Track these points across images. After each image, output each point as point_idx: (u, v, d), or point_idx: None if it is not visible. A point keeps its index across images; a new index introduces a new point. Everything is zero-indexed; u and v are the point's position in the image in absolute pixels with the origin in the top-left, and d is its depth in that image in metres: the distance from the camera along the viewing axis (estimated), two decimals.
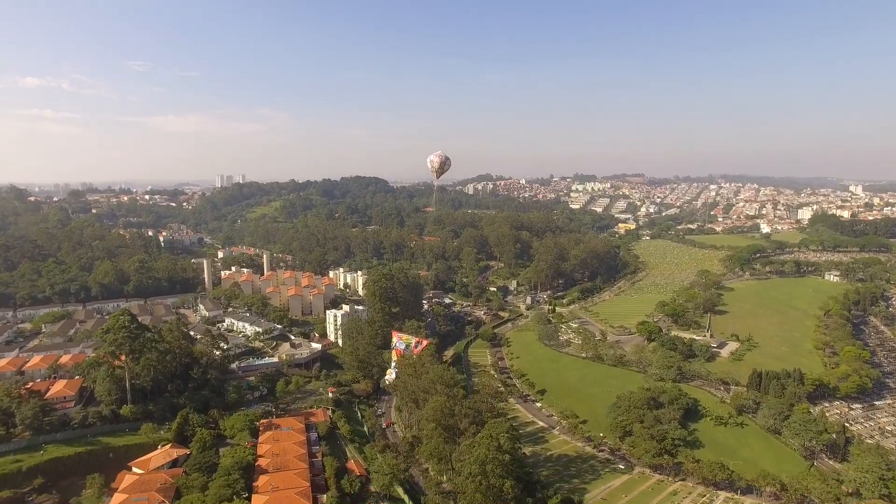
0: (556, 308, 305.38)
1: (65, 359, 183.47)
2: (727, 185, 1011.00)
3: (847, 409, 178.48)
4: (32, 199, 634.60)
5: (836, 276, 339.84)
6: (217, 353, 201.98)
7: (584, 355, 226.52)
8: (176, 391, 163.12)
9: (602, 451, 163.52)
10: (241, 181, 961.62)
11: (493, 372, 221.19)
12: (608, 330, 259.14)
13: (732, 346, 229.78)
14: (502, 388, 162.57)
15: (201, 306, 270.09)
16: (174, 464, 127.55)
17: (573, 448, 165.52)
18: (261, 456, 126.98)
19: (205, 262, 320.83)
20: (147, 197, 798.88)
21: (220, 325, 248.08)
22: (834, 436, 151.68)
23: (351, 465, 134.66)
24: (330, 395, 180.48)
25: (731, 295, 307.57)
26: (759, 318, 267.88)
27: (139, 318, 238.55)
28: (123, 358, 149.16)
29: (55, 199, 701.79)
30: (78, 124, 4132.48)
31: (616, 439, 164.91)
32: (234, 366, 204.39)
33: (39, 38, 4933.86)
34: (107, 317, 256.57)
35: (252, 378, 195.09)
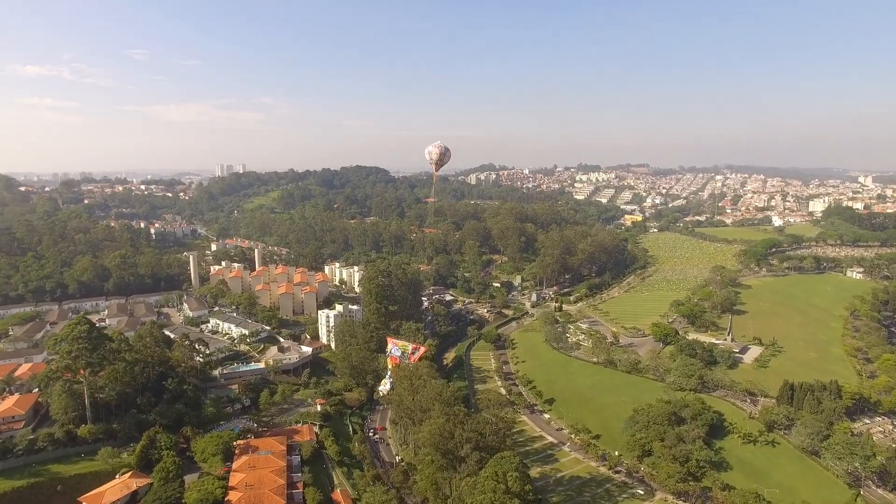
0: (564, 306, 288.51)
1: (23, 369, 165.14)
2: (733, 175, 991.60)
3: (891, 427, 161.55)
4: (23, 188, 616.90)
5: (858, 272, 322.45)
6: (198, 358, 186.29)
7: (595, 360, 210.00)
8: (146, 406, 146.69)
9: (618, 472, 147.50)
10: (241, 171, 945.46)
11: (497, 378, 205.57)
12: (620, 332, 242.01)
13: (755, 350, 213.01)
14: (508, 407, 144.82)
15: (186, 305, 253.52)
16: (133, 497, 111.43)
17: (586, 468, 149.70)
18: (232, 488, 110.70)
19: (191, 257, 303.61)
20: (143, 187, 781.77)
21: (204, 326, 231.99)
22: (883, 461, 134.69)
23: (336, 495, 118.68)
24: (318, 407, 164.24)
25: (749, 293, 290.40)
26: (779, 319, 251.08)
27: (117, 318, 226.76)
28: (84, 371, 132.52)
29: (47, 189, 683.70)
30: (78, 113, 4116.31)
31: (634, 459, 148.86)
32: (216, 372, 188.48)
33: (39, 26, 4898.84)
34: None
35: (235, 387, 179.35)
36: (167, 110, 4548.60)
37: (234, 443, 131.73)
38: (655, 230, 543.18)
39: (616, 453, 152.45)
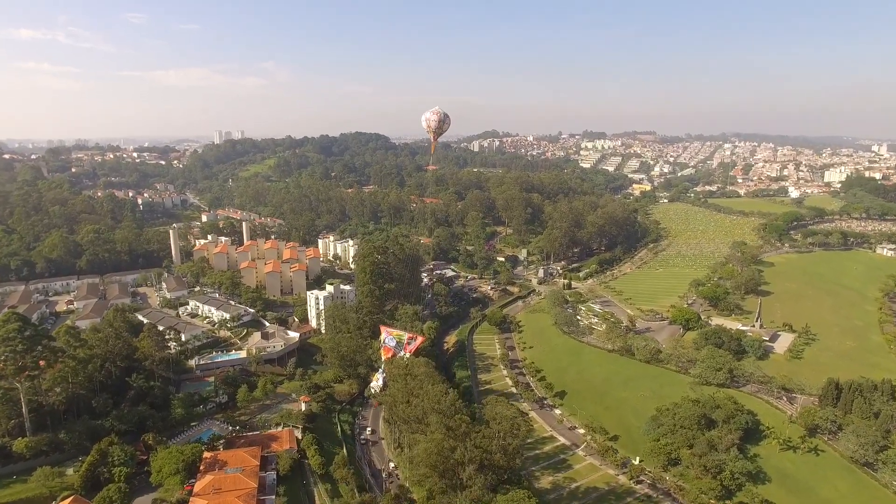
0: (573, 283, 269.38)
1: None
2: (742, 143, 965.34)
3: None
4: (7, 156, 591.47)
5: (890, 249, 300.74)
6: (172, 344, 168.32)
7: (609, 347, 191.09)
8: (104, 409, 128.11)
9: (640, 482, 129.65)
10: (239, 137, 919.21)
11: (502, 367, 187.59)
12: (637, 315, 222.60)
13: (786, 338, 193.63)
14: (520, 418, 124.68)
15: (164, 285, 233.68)
16: None
17: (603, 478, 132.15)
18: None
19: (171, 231, 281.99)
20: (135, 154, 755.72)
21: (183, 308, 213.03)
22: None
23: None
24: (303, 406, 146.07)
25: (772, 271, 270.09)
26: (808, 301, 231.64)
27: (85, 301, 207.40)
28: (21, 376, 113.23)
29: (34, 156, 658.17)
30: (76, 79, 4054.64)
31: (658, 468, 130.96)
32: (192, 362, 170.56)
33: None
34: (51, 298, 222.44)
35: (211, 379, 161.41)
36: (167, 75, 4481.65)
37: (203, 455, 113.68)
38: (666, 200, 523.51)
39: (637, 460, 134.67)
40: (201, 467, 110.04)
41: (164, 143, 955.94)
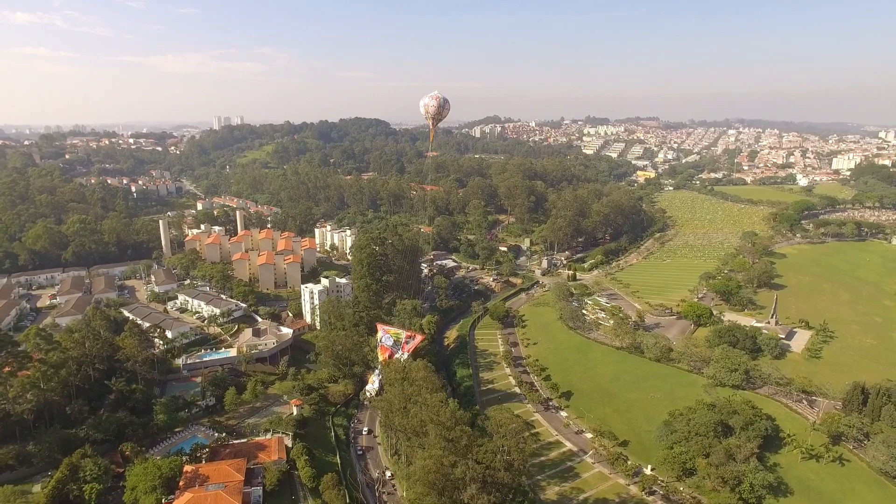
0: (578, 274, 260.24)
1: None
2: (746, 130, 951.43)
3: None
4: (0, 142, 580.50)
5: None
6: (158, 342, 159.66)
7: (617, 344, 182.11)
8: (80, 416, 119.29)
9: (653, 494, 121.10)
10: (238, 123, 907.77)
11: (504, 365, 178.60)
12: (645, 309, 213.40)
13: (803, 335, 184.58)
14: (526, 431, 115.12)
15: (153, 278, 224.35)
16: None
17: (613, 488, 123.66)
18: None
19: (161, 221, 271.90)
20: (131, 140, 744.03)
21: (172, 302, 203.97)
22: None
23: None
24: (294, 410, 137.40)
25: (784, 263, 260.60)
26: (824, 296, 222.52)
27: (68, 297, 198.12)
28: None
29: (26, 143, 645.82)
30: (74, 64, 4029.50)
31: (672, 478, 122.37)
32: (179, 361, 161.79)
33: None
34: (34, 292, 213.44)
35: (199, 380, 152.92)
36: (165, 61, 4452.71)
37: (184, 468, 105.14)
38: (671, 188, 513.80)
39: (649, 469, 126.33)
40: (181, 483, 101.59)
41: (163, 129, 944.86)
